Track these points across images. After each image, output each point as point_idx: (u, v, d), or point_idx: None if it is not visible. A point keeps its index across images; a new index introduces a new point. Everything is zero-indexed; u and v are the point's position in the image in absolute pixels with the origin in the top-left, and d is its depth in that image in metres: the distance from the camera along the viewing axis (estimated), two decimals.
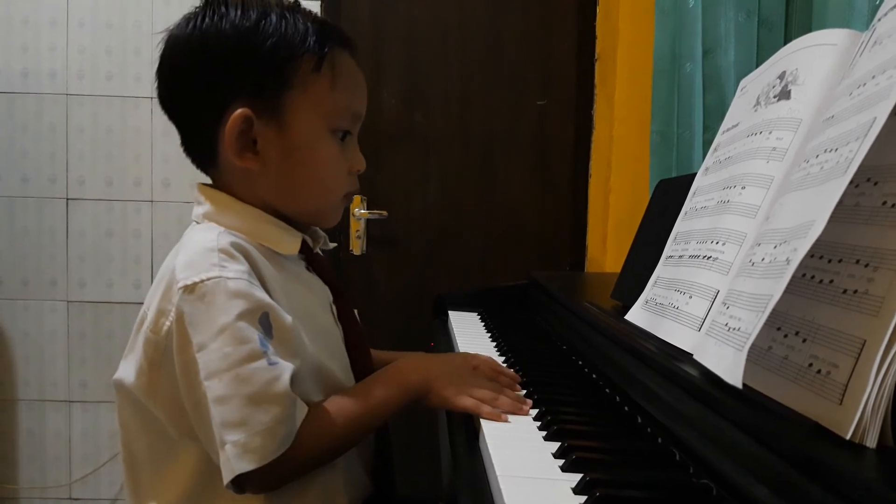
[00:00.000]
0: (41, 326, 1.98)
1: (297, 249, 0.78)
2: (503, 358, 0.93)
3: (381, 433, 0.84)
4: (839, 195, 0.44)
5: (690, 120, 1.40)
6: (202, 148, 0.78)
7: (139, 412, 0.72)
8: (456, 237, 2.06)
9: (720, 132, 0.80)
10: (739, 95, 0.80)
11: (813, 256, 0.48)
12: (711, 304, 0.64)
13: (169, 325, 0.67)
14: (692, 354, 0.61)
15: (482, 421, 0.66)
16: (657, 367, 0.65)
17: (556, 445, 0.59)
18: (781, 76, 0.68)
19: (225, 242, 0.69)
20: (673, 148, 1.46)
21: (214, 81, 0.73)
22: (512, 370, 0.81)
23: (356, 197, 1.98)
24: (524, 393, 0.74)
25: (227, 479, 0.62)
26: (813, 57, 0.65)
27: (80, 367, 1.98)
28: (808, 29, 1.10)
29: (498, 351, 1.00)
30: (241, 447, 0.62)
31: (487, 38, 2.04)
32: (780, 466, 0.43)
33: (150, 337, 0.68)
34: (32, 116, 1.94)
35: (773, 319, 0.47)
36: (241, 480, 0.63)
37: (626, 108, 1.78)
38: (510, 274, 1.92)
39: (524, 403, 0.70)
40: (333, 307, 0.83)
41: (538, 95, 2.05)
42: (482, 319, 1.26)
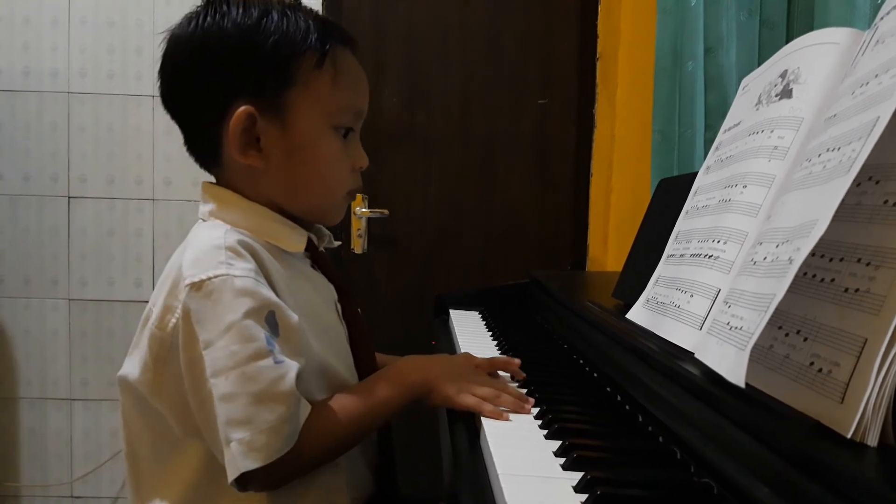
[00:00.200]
0: (42, 325, 1.98)
1: (303, 247, 0.78)
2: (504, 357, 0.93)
3: (383, 433, 0.84)
4: (842, 194, 0.44)
5: (692, 119, 1.40)
6: (205, 146, 0.78)
7: (142, 409, 0.72)
8: (457, 236, 2.06)
9: (722, 131, 0.80)
10: (741, 94, 0.80)
11: (814, 255, 0.48)
12: (713, 302, 0.64)
13: (175, 321, 0.67)
14: (693, 353, 0.61)
15: (483, 419, 0.66)
16: (658, 365, 0.65)
17: (557, 444, 0.59)
18: (783, 75, 0.68)
19: (232, 240, 0.69)
20: (674, 147, 1.46)
21: (217, 80, 0.73)
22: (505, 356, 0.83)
23: (357, 196, 1.98)
24: (525, 391, 0.74)
25: (231, 476, 0.63)
26: (815, 56, 0.65)
27: (81, 365, 1.99)
28: (809, 28, 1.10)
29: (499, 350, 1.00)
30: (246, 445, 0.62)
31: (488, 37, 2.04)
32: (780, 465, 0.43)
33: (155, 333, 0.69)
34: (34, 115, 1.94)
35: (774, 318, 0.47)
36: (244, 478, 0.63)
37: (627, 107, 1.78)
38: (511, 273, 1.93)
39: (526, 402, 0.70)
40: (338, 305, 0.83)
41: (539, 95, 2.05)
42: (483, 318, 1.26)
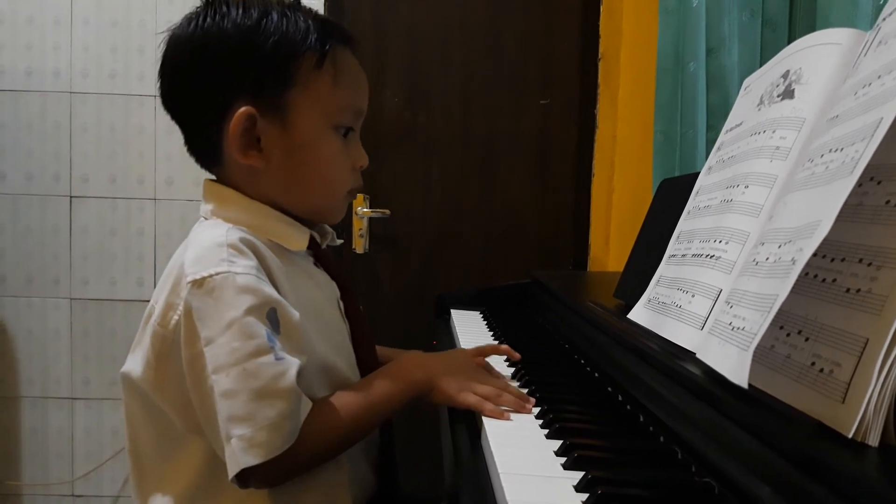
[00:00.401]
0: (44, 324, 1.98)
1: (305, 245, 0.78)
2: (505, 356, 0.93)
3: (384, 431, 0.85)
4: (846, 195, 0.44)
5: (694, 119, 1.40)
6: (206, 147, 0.78)
7: (146, 405, 0.72)
8: (458, 236, 2.06)
9: (723, 131, 0.80)
10: (743, 95, 0.79)
11: (816, 255, 0.48)
12: (714, 303, 0.64)
13: (177, 318, 0.67)
14: (695, 353, 0.61)
15: (484, 419, 0.66)
16: (659, 365, 0.65)
17: (558, 443, 0.59)
18: (785, 75, 0.68)
19: (234, 238, 0.69)
20: (676, 147, 1.46)
21: (217, 80, 0.73)
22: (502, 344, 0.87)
23: (359, 195, 1.98)
24: (526, 391, 0.74)
25: (232, 473, 0.63)
26: (817, 56, 0.65)
27: (82, 364, 1.99)
28: (811, 28, 1.10)
29: None
30: (246, 441, 0.62)
31: (489, 37, 2.04)
32: (781, 465, 0.43)
33: (157, 330, 0.69)
34: (36, 115, 1.95)
35: (775, 318, 0.47)
36: (245, 475, 0.63)
37: (629, 107, 1.78)
38: (512, 273, 1.93)
39: (527, 401, 0.70)
40: (340, 303, 0.83)
41: (540, 95, 2.05)
42: (484, 318, 1.26)
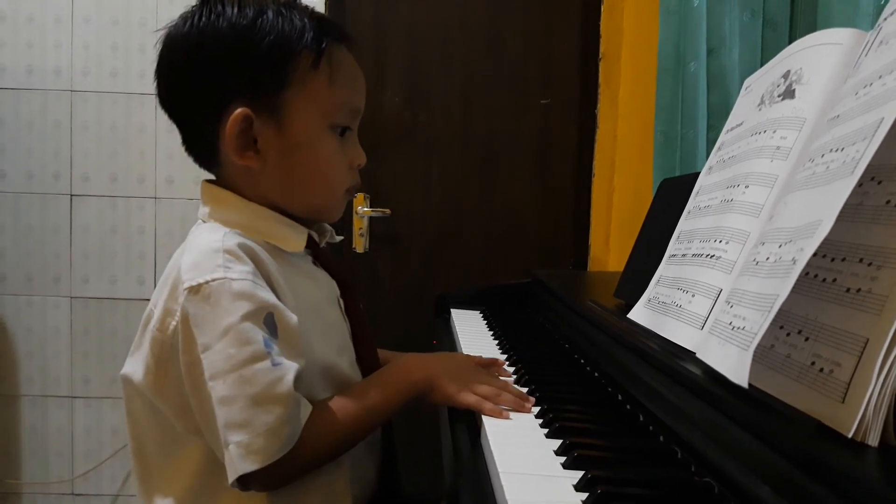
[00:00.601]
0: (44, 322, 1.98)
1: (302, 246, 0.78)
2: (505, 356, 0.93)
3: (385, 431, 0.85)
4: (846, 195, 0.44)
5: (694, 119, 1.40)
6: (203, 147, 0.78)
7: (147, 405, 0.72)
8: (458, 236, 2.06)
9: (724, 131, 0.80)
10: (744, 94, 0.79)
11: (816, 255, 0.48)
12: (714, 302, 0.64)
13: (175, 324, 0.67)
14: (695, 353, 0.61)
15: (484, 418, 0.66)
16: (659, 365, 0.65)
17: (557, 443, 0.59)
18: (786, 75, 0.68)
19: (230, 243, 0.69)
20: (676, 147, 1.46)
21: (212, 80, 0.73)
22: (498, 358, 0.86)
23: (359, 195, 1.98)
24: (526, 390, 0.74)
25: (231, 478, 0.63)
26: (818, 56, 0.65)
27: (82, 363, 1.99)
28: (812, 28, 1.10)
29: (500, 349, 1.00)
30: (244, 448, 0.62)
31: (489, 37, 2.04)
32: (781, 465, 0.43)
33: (156, 335, 0.69)
34: (37, 113, 1.95)
35: (776, 318, 0.47)
36: (246, 479, 0.63)
37: (629, 107, 1.78)
38: (512, 273, 1.93)
39: (526, 401, 0.70)
40: (341, 301, 0.83)
41: (540, 95, 2.05)
42: (484, 318, 1.26)
